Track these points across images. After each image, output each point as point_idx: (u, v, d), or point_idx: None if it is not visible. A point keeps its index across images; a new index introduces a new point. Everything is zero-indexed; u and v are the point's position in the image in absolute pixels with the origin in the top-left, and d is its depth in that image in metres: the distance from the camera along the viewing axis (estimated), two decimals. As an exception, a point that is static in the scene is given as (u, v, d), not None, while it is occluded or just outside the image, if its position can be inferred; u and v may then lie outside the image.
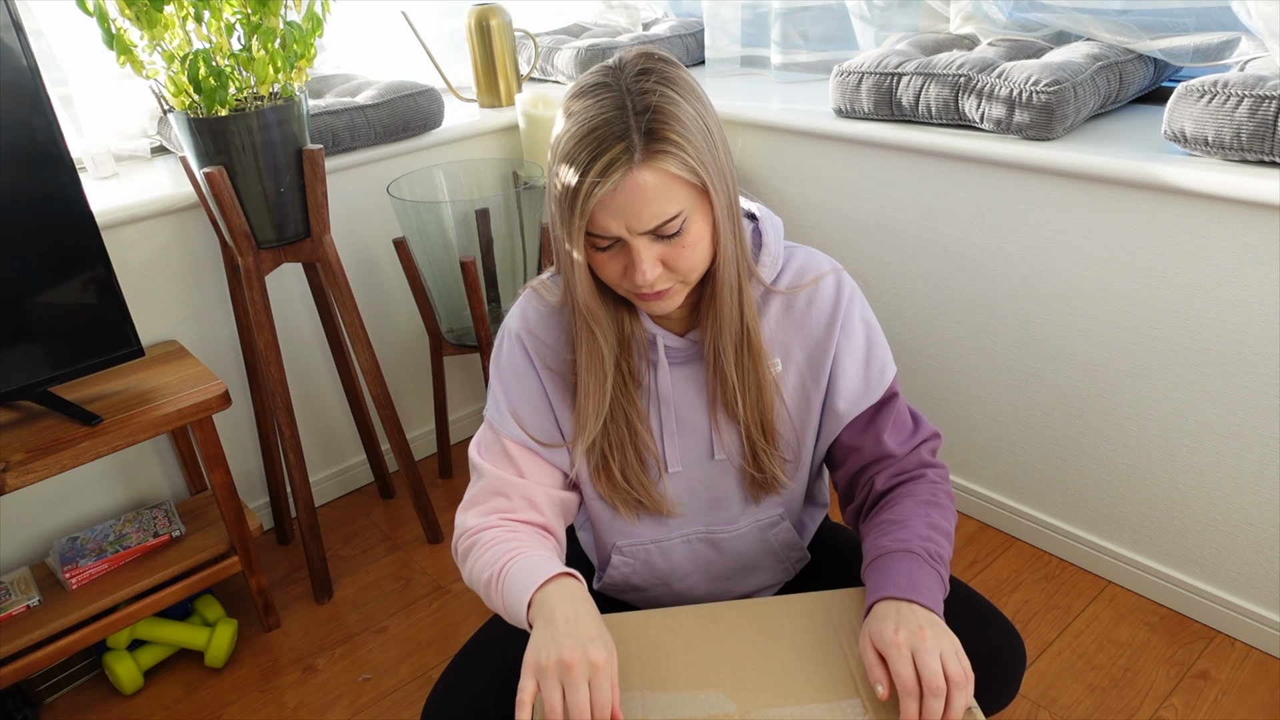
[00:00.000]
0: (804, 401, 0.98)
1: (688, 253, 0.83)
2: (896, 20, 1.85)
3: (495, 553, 0.89)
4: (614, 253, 0.84)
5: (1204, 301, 1.32)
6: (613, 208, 0.79)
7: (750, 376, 0.94)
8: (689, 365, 0.96)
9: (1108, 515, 1.59)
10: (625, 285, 0.85)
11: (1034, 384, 1.59)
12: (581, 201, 0.79)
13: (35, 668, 1.39)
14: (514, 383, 0.97)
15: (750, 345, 0.93)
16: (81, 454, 1.32)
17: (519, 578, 0.84)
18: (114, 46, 1.30)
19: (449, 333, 1.90)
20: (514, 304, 1.00)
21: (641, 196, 0.79)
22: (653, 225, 0.80)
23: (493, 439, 0.98)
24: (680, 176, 0.80)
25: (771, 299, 0.95)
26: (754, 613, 0.93)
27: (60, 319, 1.34)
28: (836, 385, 0.96)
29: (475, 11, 1.99)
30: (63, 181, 1.28)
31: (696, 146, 0.80)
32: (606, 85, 0.80)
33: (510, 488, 0.95)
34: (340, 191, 1.81)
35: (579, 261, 0.84)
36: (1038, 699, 1.40)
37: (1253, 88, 1.18)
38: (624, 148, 0.77)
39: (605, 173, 0.77)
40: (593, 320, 0.90)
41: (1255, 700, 1.37)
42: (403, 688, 1.53)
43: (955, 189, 1.55)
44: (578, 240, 0.82)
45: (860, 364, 0.96)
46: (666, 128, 0.78)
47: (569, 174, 0.79)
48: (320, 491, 2.01)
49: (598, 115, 0.78)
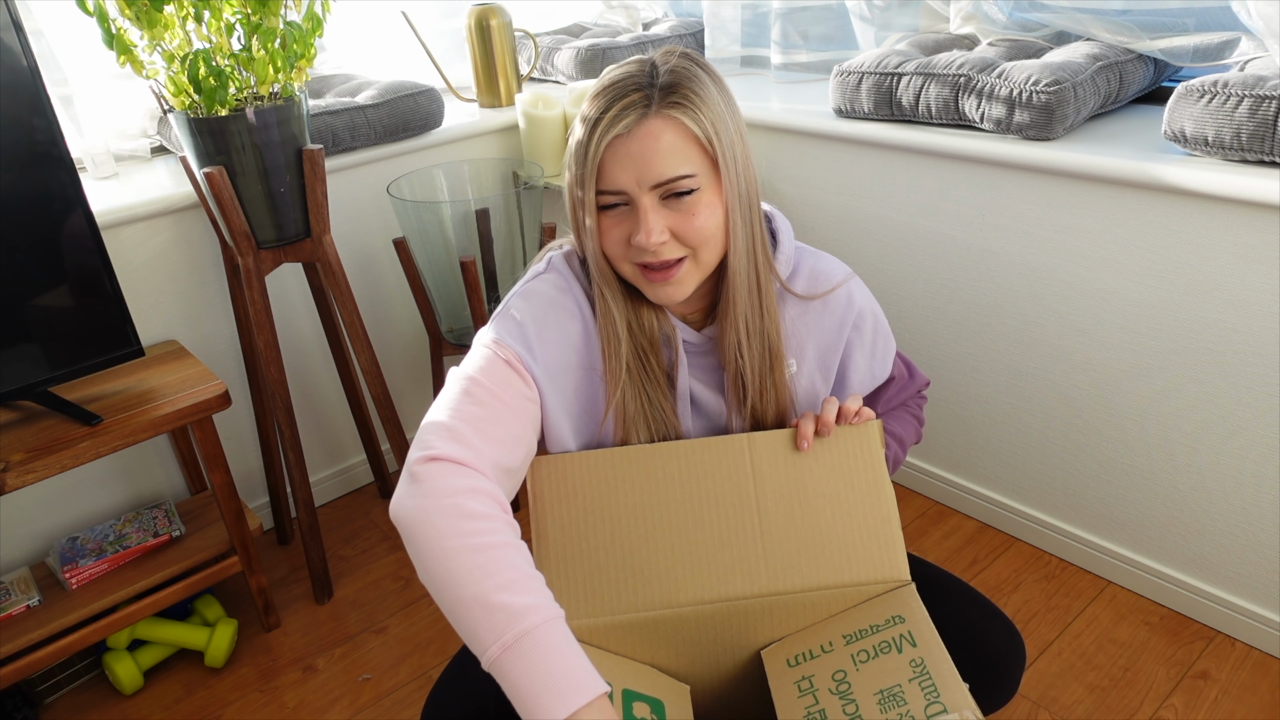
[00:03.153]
0: (812, 398, 1.01)
1: (697, 222, 0.84)
2: (896, 20, 1.85)
3: (492, 563, 0.75)
4: (620, 216, 0.85)
5: (1204, 301, 1.32)
6: (623, 156, 0.81)
7: (769, 377, 0.95)
8: (706, 360, 0.97)
9: (1108, 515, 1.59)
10: (632, 255, 0.86)
11: (1034, 384, 1.59)
12: (595, 146, 0.81)
13: (35, 668, 1.39)
14: (550, 318, 0.91)
15: (770, 346, 0.94)
16: (81, 454, 1.32)
17: (548, 664, 0.72)
18: (114, 46, 1.30)
19: (449, 333, 1.90)
20: (553, 253, 0.97)
21: (654, 145, 0.81)
22: (663, 179, 0.82)
23: (504, 369, 0.87)
24: (694, 135, 0.82)
25: (787, 299, 0.96)
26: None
27: (60, 319, 1.34)
28: (846, 377, 1.01)
29: (475, 11, 1.99)
30: (63, 181, 1.28)
31: (712, 115, 0.83)
32: (638, 60, 0.85)
33: (512, 419, 0.85)
34: (340, 191, 1.81)
35: (591, 227, 0.86)
36: (1038, 699, 1.40)
37: (1253, 88, 1.18)
38: (642, 96, 0.81)
39: (618, 118, 0.80)
40: (605, 285, 0.90)
41: (1255, 700, 1.37)
42: (403, 688, 1.53)
43: (955, 189, 1.55)
44: (590, 192, 0.83)
45: (868, 354, 1.01)
46: (685, 85, 0.82)
47: (587, 120, 0.82)
48: (320, 491, 2.01)
49: (622, 74, 0.83)
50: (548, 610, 0.75)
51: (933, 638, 0.85)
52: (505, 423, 0.84)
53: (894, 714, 0.80)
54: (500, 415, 0.84)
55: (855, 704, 0.83)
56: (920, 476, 1.88)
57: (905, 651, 0.85)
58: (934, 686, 0.81)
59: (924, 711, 0.79)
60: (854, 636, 0.89)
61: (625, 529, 0.93)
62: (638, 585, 0.93)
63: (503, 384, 0.85)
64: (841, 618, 0.92)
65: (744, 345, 0.92)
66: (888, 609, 0.90)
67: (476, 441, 0.81)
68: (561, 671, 0.72)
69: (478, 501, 0.77)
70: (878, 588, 0.92)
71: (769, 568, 0.93)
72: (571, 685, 0.71)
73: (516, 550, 0.77)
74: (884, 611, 0.90)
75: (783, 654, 0.91)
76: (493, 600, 0.73)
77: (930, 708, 0.79)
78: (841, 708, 0.83)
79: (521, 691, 0.72)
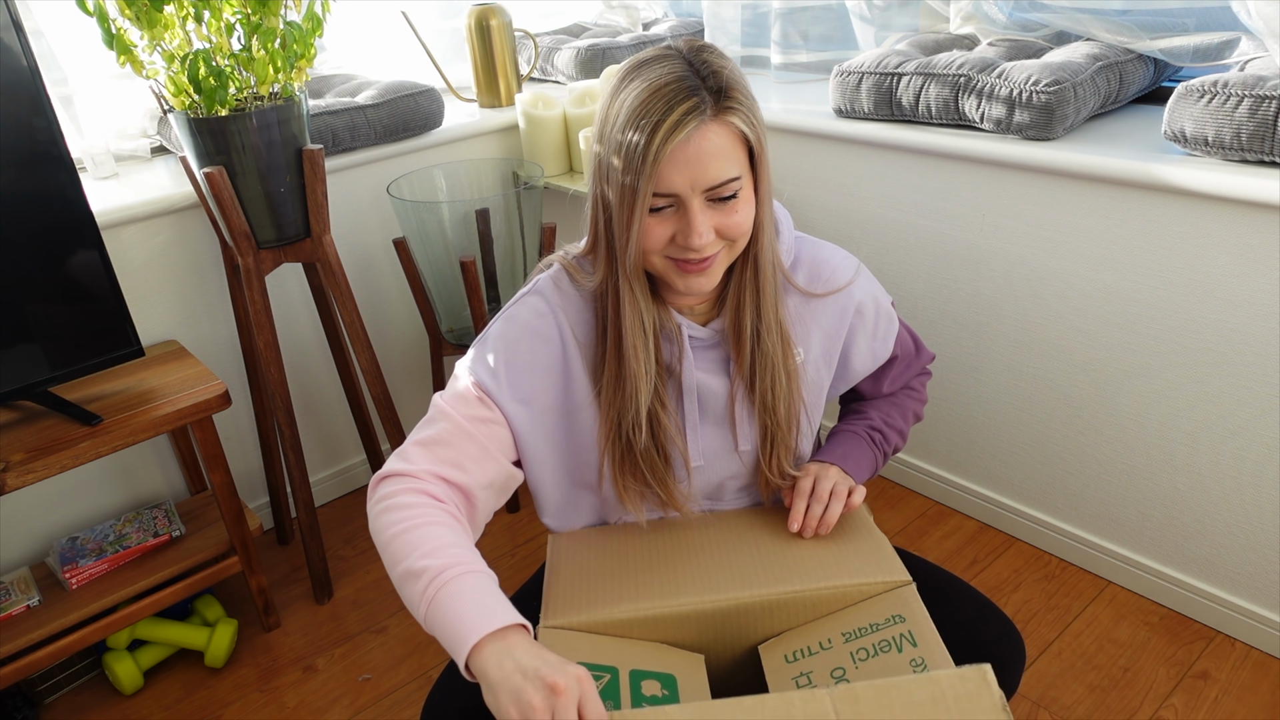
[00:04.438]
0: (817, 387, 1.02)
1: (739, 219, 0.86)
2: (896, 20, 1.85)
3: (418, 539, 0.81)
4: (665, 216, 0.85)
5: (1204, 301, 1.32)
6: (680, 162, 0.81)
7: (779, 362, 0.96)
8: (711, 354, 0.97)
9: (1108, 515, 1.59)
10: (670, 251, 0.87)
11: (1034, 384, 1.59)
12: (655, 152, 0.80)
13: (35, 668, 1.39)
14: (524, 344, 0.94)
15: (782, 332, 0.95)
16: (81, 454, 1.32)
17: (463, 604, 0.77)
18: (114, 46, 1.30)
19: (449, 333, 1.90)
20: (543, 273, 0.98)
21: (710, 151, 0.82)
22: (717, 182, 0.83)
23: (467, 393, 0.93)
24: (744, 136, 0.84)
25: (790, 289, 0.97)
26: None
27: (60, 319, 1.34)
28: (849, 361, 1.03)
29: (475, 11, 1.99)
30: (63, 181, 1.28)
31: (757, 114, 0.85)
32: (668, 56, 0.84)
33: (466, 440, 0.90)
34: (340, 191, 1.81)
35: (638, 227, 0.85)
36: (1038, 699, 1.40)
37: (1253, 88, 1.18)
38: (697, 102, 0.81)
39: (679, 124, 0.80)
40: (637, 282, 0.90)
41: (1255, 700, 1.37)
42: (403, 688, 1.53)
43: (955, 189, 1.55)
44: (645, 196, 0.83)
45: (869, 340, 1.02)
46: (734, 88, 0.83)
47: (639, 129, 0.81)
48: (320, 491, 2.01)
49: (666, 75, 0.82)
50: (468, 565, 0.80)
51: (933, 638, 0.85)
52: (457, 444, 0.90)
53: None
54: (452, 437, 0.90)
55: (855, 704, 0.82)
56: (920, 476, 1.88)
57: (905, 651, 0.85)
58: (934, 687, 0.80)
59: (924, 711, 0.79)
60: (853, 634, 0.89)
61: (634, 555, 0.99)
62: (638, 585, 0.94)
63: (462, 408, 0.92)
64: (841, 615, 0.92)
65: (763, 333, 0.93)
66: (888, 608, 0.90)
67: (419, 457, 0.89)
68: (475, 606, 0.76)
69: (407, 497, 0.85)
70: (878, 587, 0.92)
71: (768, 573, 0.94)
72: (482, 616, 0.75)
73: (443, 526, 0.83)
74: (884, 610, 0.90)
75: (780, 649, 0.91)
76: (415, 567, 0.79)
77: (930, 708, 0.79)
78: (841, 708, 0.83)
79: (445, 637, 0.76)
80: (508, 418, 0.93)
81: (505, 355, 0.94)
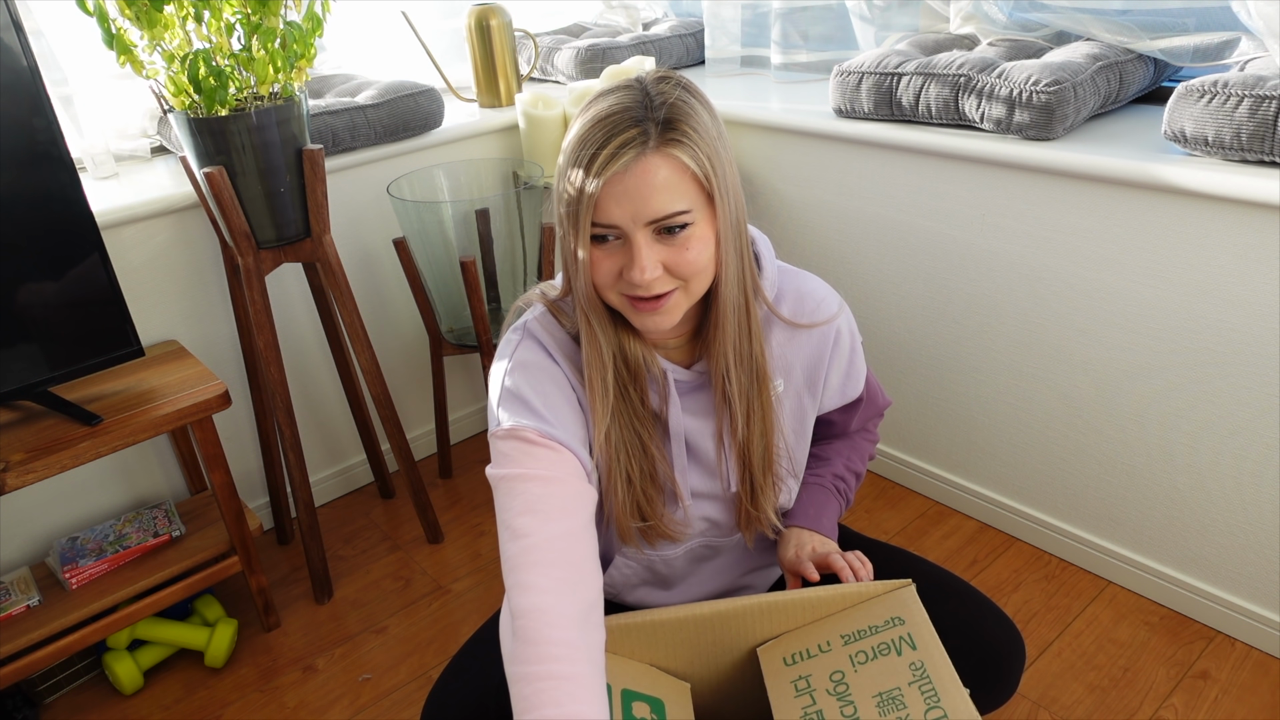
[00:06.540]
0: (799, 415, 1.02)
1: (690, 256, 0.82)
2: (896, 20, 1.85)
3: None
4: (612, 249, 0.83)
5: (1204, 301, 1.32)
6: (619, 193, 0.79)
7: (755, 400, 0.94)
8: (696, 396, 0.96)
9: (1108, 515, 1.59)
10: (621, 287, 0.84)
11: (1034, 384, 1.59)
12: (591, 181, 0.79)
13: (35, 668, 1.39)
14: (549, 385, 0.89)
15: (757, 369, 0.93)
16: (81, 454, 1.32)
17: None
18: (114, 46, 1.30)
19: (449, 333, 1.90)
20: (524, 313, 0.95)
21: (650, 183, 0.79)
22: (659, 215, 0.80)
23: (520, 447, 0.85)
24: (691, 171, 0.80)
25: (774, 323, 0.96)
26: None
27: (60, 319, 1.34)
28: (826, 388, 1.02)
29: (475, 11, 1.99)
30: (63, 181, 1.28)
31: (709, 149, 0.81)
32: (627, 87, 0.82)
33: (550, 504, 0.83)
34: (340, 191, 1.81)
35: (584, 259, 0.83)
36: (1038, 699, 1.40)
37: (1253, 88, 1.18)
38: (639, 132, 0.78)
39: (617, 153, 0.78)
40: (593, 313, 0.88)
41: (1255, 700, 1.37)
42: (403, 688, 1.53)
43: (955, 189, 1.55)
44: (585, 228, 0.81)
45: (842, 372, 1.02)
46: (683, 121, 0.80)
47: (578, 160, 0.80)
48: (320, 491, 2.01)
49: (616, 105, 0.80)
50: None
51: (933, 641, 0.85)
52: (559, 499, 0.83)
53: (893, 717, 0.80)
54: (553, 494, 0.83)
55: (853, 705, 0.82)
56: (920, 476, 1.88)
57: (905, 654, 0.85)
58: (934, 691, 0.81)
59: (924, 715, 0.79)
60: (852, 637, 0.89)
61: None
62: None
63: (531, 465, 0.84)
64: (840, 617, 0.92)
65: (732, 371, 0.91)
66: (887, 610, 0.90)
67: (548, 555, 0.80)
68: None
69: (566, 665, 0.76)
70: (877, 588, 0.92)
71: None
72: None
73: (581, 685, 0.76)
74: (883, 612, 0.90)
75: (779, 652, 0.91)
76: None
77: (930, 712, 0.79)
78: (839, 709, 0.83)
79: None
80: (570, 448, 0.87)
81: (540, 399, 0.88)
